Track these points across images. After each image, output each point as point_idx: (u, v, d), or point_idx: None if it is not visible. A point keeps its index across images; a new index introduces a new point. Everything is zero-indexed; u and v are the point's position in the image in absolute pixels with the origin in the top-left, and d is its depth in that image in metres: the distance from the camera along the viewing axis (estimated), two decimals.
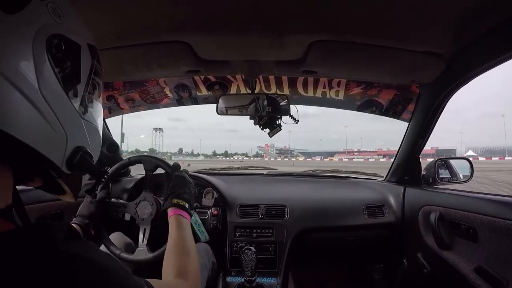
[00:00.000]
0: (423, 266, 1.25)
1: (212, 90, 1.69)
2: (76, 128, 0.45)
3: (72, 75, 0.44)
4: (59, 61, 0.41)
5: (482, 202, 0.97)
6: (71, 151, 0.44)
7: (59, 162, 0.42)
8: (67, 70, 0.43)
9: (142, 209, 1.04)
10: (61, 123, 0.41)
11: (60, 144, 0.42)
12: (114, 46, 1.03)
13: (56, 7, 0.42)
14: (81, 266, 0.34)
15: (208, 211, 1.42)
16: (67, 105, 0.43)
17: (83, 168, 0.46)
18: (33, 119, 0.37)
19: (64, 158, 0.43)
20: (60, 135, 0.41)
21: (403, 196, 1.45)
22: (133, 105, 1.77)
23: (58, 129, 0.41)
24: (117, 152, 1.53)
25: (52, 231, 0.35)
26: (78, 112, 0.45)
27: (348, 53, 1.06)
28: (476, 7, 0.77)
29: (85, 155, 0.46)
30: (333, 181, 1.84)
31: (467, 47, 0.95)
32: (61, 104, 0.41)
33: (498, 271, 0.87)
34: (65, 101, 0.42)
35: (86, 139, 0.47)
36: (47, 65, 0.39)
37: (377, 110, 1.67)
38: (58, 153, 0.42)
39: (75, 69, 0.45)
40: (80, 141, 0.46)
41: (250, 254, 1.12)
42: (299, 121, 1.37)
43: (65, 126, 0.42)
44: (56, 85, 0.40)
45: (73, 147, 0.44)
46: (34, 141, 0.37)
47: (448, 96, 1.16)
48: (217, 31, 0.95)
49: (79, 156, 0.45)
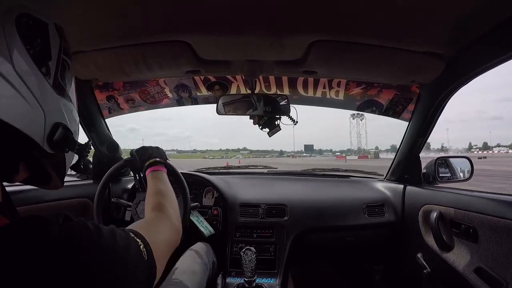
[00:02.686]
0: (423, 266, 1.25)
1: (212, 90, 1.69)
2: (53, 105, 0.45)
3: (43, 52, 0.44)
4: (29, 38, 0.42)
5: (482, 201, 0.97)
6: (51, 127, 0.44)
7: (40, 140, 0.42)
8: (38, 48, 0.43)
9: (142, 209, 1.04)
10: (38, 100, 0.41)
11: (38, 120, 0.42)
12: (114, 46, 1.03)
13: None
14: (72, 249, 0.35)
15: (208, 211, 1.42)
16: (42, 82, 0.43)
17: (65, 144, 0.46)
18: (9, 96, 0.37)
19: (45, 135, 0.43)
20: (38, 111, 0.41)
21: (403, 195, 1.45)
22: (133, 105, 1.77)
23: (35, 105, 0.41)
24: (117, 151, 1.53)
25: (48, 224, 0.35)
26: (53, 89, 0.45)
27: (348, 54, 1.06)
28: (476, 8, 0.77)
29: (65, 130, 0.46)
30: (334, 180, 1.84)
31: (467, 48, 0.95)
32: (36, 81, 0.41)
33: (498, 272, 0.88)
34: (40, 78, 0.42)
35: (64, 117, 0.47)
36: (18, 42, 0.40)
37: (377, 110, 1.67)
38: (37, 130, 0.42)
39: (44, 46, 0.45)
40: (59, 117, 0.46)
41: (250, 254, 1.13)
42: (298, 122, 1.38)
43: (42, 102, 0.42)
44: (29, 62, 0.41)
45: (52, 123, 0.44)
46: (12, 118, 0.37)
47: (448, 96, 1.16)
48: (217, 31, 0.95)
49: (59, 132, 0.45)
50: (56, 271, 0.32)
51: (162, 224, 0.59)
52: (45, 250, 0.33)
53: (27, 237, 0.33)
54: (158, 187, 0.77)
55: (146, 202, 0.71)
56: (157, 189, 0.76)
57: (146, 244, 0.45)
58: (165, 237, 0.55)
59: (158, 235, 0.53)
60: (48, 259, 0.32)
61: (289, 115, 1.33)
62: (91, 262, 0.36)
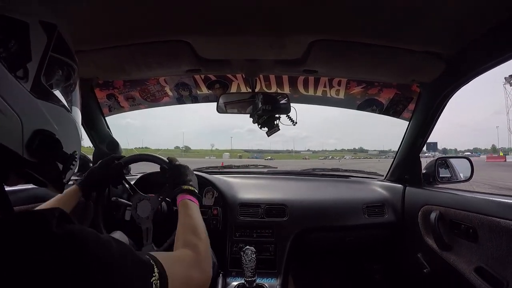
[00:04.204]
0: (423, 266, 1.25)
1: (212, 89, 1.69)
2: (32, 110, 0.42)
3: (18, 55, 0.41)
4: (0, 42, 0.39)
5: (482, 202, 0.97)
6: (29, 135, 0.41)
7: (18, 148, 0.40)
8: (11, 50, 0.40)
9: (142, 208, 1.04)
10: (11, 106, 0.38)
11: (14, 128, 0.39)
12: (115, 45, 1.03)
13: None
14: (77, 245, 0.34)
15: (208, 210, 1.42)
16: (15, 87, 0.40)
17: (47, 153, 0.43)
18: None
19: (23, 144, 0.40)
20: (12, 119, 0.39)
21: (403, 195, 1.44)
22: (133, 104, 1.77)
23: (8, 112, 0.38)
24: (117, 150, 1.53)
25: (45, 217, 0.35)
26: (31, 93, 0.42)
27: (348, 53, 1.06)
28: (476, 7, 0.77)
29: (46, 138, 0.43)
30: (333, 180, 1.84)
31: (467, 47, 0.95)
32: (7, 85, 0.39)
33: (498, 271, 0.88)
34: (12, 82, 0.39)
35: (48, 122, 0.44)
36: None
37: (377, 109, 1.67)
38: (14, 139, 0.39)
39: (21, 48, 0.42)
40: (40, 124, 0.43)
41: (250, 254, 1.12)
42: (297, 123, 1.37)
43: (17, 109, 0.39)
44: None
45: (31, 131, 0.41)
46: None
47: (449, 96, 1.16)
48: (217, 30, 0.95)
49: (38, 141, 0.42)
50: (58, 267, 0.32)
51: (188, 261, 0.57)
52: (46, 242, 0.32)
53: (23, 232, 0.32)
54: (191, 221, 0.74)
55: (177, 236, 0.69)
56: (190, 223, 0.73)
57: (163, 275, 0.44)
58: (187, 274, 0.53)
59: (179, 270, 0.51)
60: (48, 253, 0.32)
61: (289, 114, 1.33)
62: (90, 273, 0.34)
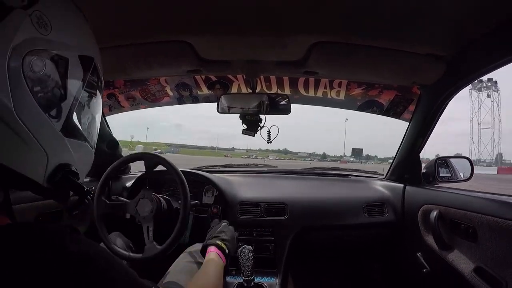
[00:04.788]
0: (423, 265, 1.25)
1: (213, 89, 1.69)
2: (59, 147, 0.43)
3: (54, 94, 0.41)
4: (37, 81, 0.38)
5: (482, 202, 0.98)
6: (53, 169, 0.42)
7: (40, 180, 0.40)
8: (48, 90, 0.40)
9: (142, 207, 1.04)
10: (40, 143, 0.39)
11: (40, 162, 0.40)
12: (115, 45, 1.03)
13: (42, 15, 0.38)
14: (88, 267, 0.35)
15: (208, 209, 1.43)
16: (47, 125, 0.40)
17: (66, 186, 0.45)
18: (8, 139, 0.36)
19: (45, 176, 0.41)
20: (39, 153, 0.39)
21: (403, 194, 1.45)
22: (134, 103, 1.77)
23: (37, 147, 0.39)
24: (116, 149, 1.53)
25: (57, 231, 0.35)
26: (60, 133, 0.42)
27: (349, 55, 1.06)
28: (477, 9, 0.77)
29: (68, 174, 0.44)
30: (333, 179, 1.84)
31: (468, 49, 0.95)
32: (39, 124, 0.39)
33: (497, 271, 0.88)
34: (44, 121, 0.40)
35: (71, 157, 0.45)
36: (23, 86, 0.36)
37: (377, 110, 1.67)
38: (38, 171, 0.40)
39: (58, 87, 0.41)
40: (64, 158, 0.44)
41: (247, 253, 1.13)
42: (271, 142, 1.40)
43: (45, 145, 0.39)
44: (34, 106, 0.38)
45: (55, 164, 0.42)
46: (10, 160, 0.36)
47: (449, 98, 1.16)
48: (218, 31, 0.95)
49: (61, 175, 0.43)
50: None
51: None
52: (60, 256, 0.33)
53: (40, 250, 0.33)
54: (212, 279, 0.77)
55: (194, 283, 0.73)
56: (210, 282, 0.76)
57: None
58: None
59: None
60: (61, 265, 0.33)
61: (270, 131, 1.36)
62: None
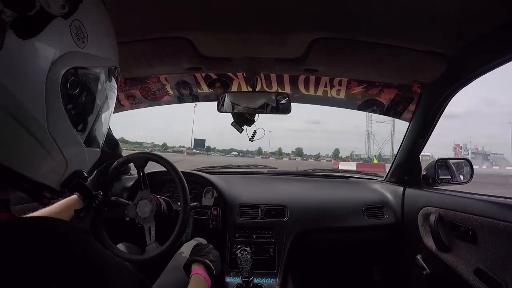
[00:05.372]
0: (422, 268, 1.24)
1: (213, 88, 1.69)
2: (79, 156, 0.43)
3: (85, 110, 0.41)
4: (72, 98, 0.37)
5: (482, 204, 0.97)
6: (69, 175, 0.42)
7: (54, 185, 0.41)
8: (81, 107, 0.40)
9: (142, 208, 1.04)
10: (64, 155, 0.39)
11: (59, 171, 0.40)
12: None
13: (81, 25, 0.36)
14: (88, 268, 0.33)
15: (208, 211, 1.42)
16: (74, 139, 0.40)
17: (78, 190, 0.47)
18: (35, 151, 0.35)
19: (60, 182, 0.42)
20: (61, 164, 0.39)
21: (402, 196, 1.44)
22: (134, 102, 1.77)
23: (60, 158, 0.39)
24: (117, 149, 1.53)
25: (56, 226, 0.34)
26: (83, 144, 0.43)
27: (349, 52, 1.05)
28: (479, 7, 0.77)
29: (82, 180, 0.45)
30: (333, 180, 1.84)
31: (469, 47, 0.94)
32: (68, 139, 0.39)
33: (497, 273, 0.87)
34: (72, 136, 0.40)
35: (86, 163, 0.46)
36: (59, 104, 0.35)
37: (378, 110, 1.67)
38: (55, 179, 0.41)
39: (89, 102, 0.41)
40: (80, 166, 0.45)
41: (246, 255, 1.12)
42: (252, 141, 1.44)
43: (68, 156, 0.40)
44: (66, 122, 0.37)
45: (71, 172, 0.43)
46: (32, 171, 0.36)
47: (450, 97, 1.15)
48: (218, 28, 0.95)
49: (76, 182, 0.44)
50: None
51: None
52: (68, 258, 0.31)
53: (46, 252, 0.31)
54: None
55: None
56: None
57: None
58: None
59: None
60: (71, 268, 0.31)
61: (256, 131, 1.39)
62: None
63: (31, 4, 0.30)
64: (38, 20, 0.31)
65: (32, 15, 0.31)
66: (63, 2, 0.33)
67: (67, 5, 0.34)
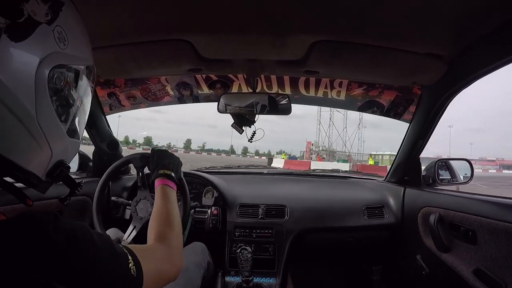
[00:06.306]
0: (422, 268, 1.25)
1: (213, 89, 1.69)
2: (62, 146, 0.47)
3: (68, 102, 0.46)
4: (58, 91, 0.43)
5: (482, 204, 0.98)
6: (53, 165, 0.46)
7: (41, 174, 0.44)
8: (64, 99, 0.45)
9: (141, 209, 1.04)
10: (50, 144, 0.43)
11: (45, 159, 0.44)
12: (116, 44, 1.03)
13: (62, 30, 0.42)
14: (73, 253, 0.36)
15: (208, 210, 1.43)
16: (59, 129, 0.45)
17: (61, 179, 0.49)
18: (23, 140, 0.39)
19: (46, 171, 0.45)
20: (47, 152, 0.43)
21: (403, 197, 1.45)
22: (134, 103, 1.77)
23: (46, 148, 0.43)
24: (117, 149, 1.53)
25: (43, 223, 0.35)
26: (66, 134, 0.47)
27: (349, 54, 1.06)
28: (478, 9, 0.77)
29: (65, 169, 0.49)
30: (333, 181, 1.84)
31: (469, 49, 0.94)
32: (53, 129, 0.43)
33: (496, 274, 0.88)
34: (57, 126, 0.44)
35: (67, 153, 0.50)
36: (46, 97, 0.41)
37: (378, 111, 1.67)
38: (41, 167, 0.44)
39: (71, 95, 0.47)
40: (63, 156, 0.49)
41: (246, 254, 1.13)
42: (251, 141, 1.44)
43: (53, 145, 0.44)
44: (52, 113, 0.42)
45: (55, 161, 0.46)
46: (20, 157, 0.39)
47: (450, 98, 1.15)
48: (219, 30, 0.95)
49: (60, 171, 0.48)
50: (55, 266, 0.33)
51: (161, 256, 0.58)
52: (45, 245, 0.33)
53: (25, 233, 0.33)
54: (165, 209, 0.74)
55: (150, 224, 0.70)
56: (164, 212, 0.73)
57: (138, 264, 0.46)
58: (159, 267, 0.54)
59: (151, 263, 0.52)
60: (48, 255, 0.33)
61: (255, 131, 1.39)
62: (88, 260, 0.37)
63: (20, 13, 0.36)
64: (27, 26, 0.37)
65: (22, 22, 0.36)
66: (46, 11, 0.39)
67: (50, 13, 0.40)
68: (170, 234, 0.66)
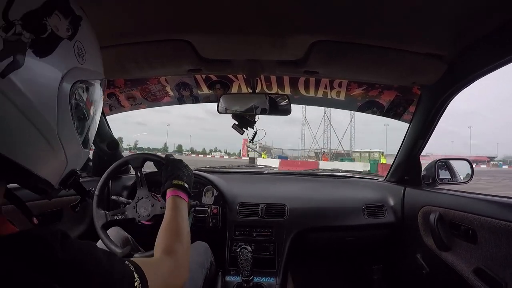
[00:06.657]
0: (422, 267, 1.25)
1: (213, 89, 1.69)
2: (78, 157, 0.49)
3: (84, 116, 0.47)
4: (77, 106, 0.44)
5: (482, 203, 0.98)
6: (67, 174, 0.47)
7: (55, 182, 0.45)
8: (81, 113, 0.46)
9: (142, 208, 1.04)
10: (66, 155, 0.44)
11: (60, 169, 0.45)
12: (116, 44, 1.03)
13: (81, 45, 0.43)
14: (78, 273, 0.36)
15: (208, 209, 1.43)
16: (75, 141, 0.46)
17: (74, 187, 0.50)
18: (44, 152, 0.40)
19: (60, 179, 0.46)
20: (63, 162, 0.44)
21: (403, 196, 1.45)
22: (134, 103, 1.77)
23: (63, 158, 0.44)
24: (117, 149, 1.53)
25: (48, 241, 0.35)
26: (81, 146, 0.48)
27: (349, 54, 1.05)
28: (478, 9, 0.77)
29: (77, 178, 0.50)
30: (333, 180, 1.84)
31: (469, 49, 0.94)
32: (71, 141, 0.44)
33: (497, 273, 0.88)
34: (74, 138, 0.45)
35: (79, 163, 0.51)
36: (67, 111, 0.42)
37: (378, 111, 1.68)
38: (56, 176, 0.45)
39: (87, 109, 0.48)
40: (75, 165, 0.49)
41: (246, 253, 1.13)
42: (253, 142, 1.47)
43: (69, 156, 0.45)
44: (71, 126, 0.44)
45: (69, 170, 0.47)
46: (39, 168, 0.40)
47: (449, 98, 1.15)
48: (219, 30, 0.95)
49: (73, 179, 0.49)
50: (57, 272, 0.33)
51: (167, 269, 0.58)
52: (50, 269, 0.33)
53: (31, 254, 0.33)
54: (175, 222, 0.73)
55: (159, 236, 0.69)
56: (174, 225, 0.72)
57: (144, 281, 0.45)
58: (165, 282, 0.54)
59: (158, 278, 0.52)
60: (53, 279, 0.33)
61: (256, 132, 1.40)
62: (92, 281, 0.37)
63: (44, 28, 0.37)
64: (50, 42, 0.38)
65: (45, 37, 0.37)
66: (67, 26, 0.40)
67: (71, 29, 0.41)
68: (178, 247, 0.65)
